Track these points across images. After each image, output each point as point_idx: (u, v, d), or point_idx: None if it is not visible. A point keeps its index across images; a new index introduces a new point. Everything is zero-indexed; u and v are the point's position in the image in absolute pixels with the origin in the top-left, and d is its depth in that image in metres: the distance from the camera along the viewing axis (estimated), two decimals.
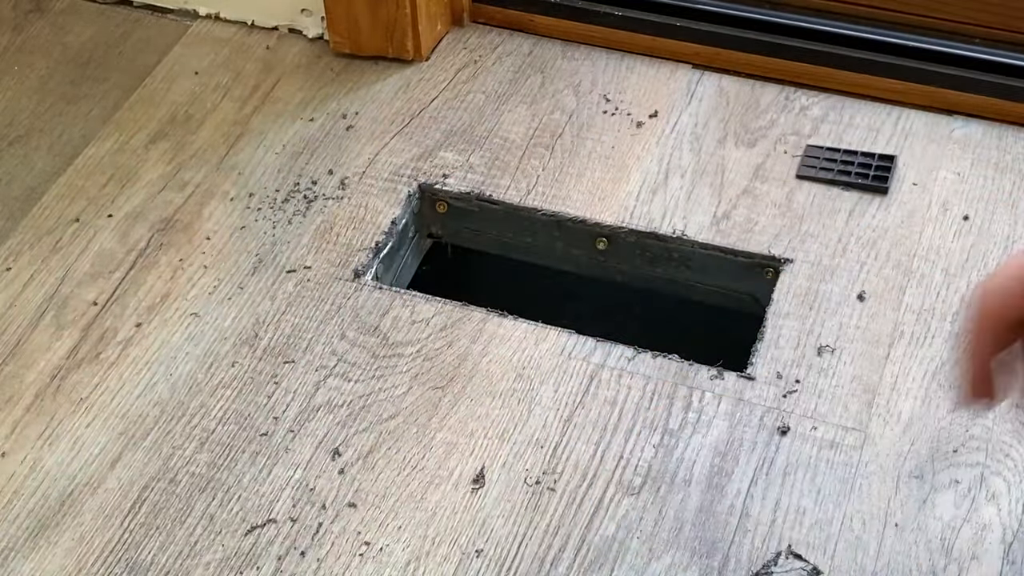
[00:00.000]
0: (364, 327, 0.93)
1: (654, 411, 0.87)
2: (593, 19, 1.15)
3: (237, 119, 1.10)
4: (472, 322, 0.93)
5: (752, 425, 0.86)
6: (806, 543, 0.80)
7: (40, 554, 0.81)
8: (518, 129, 1.08)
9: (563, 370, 0.90)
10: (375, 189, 1.03)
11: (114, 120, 1.11)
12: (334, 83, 1.13)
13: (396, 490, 0.83)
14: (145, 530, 0.82)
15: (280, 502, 0.83)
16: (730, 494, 0.82)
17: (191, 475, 0.85)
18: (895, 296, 0.93)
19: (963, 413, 0.86)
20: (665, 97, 1.10)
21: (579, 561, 0.79)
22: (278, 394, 0.89)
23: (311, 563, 0.80)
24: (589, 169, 1.04)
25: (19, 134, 1.10)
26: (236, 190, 1.04)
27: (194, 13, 1.21)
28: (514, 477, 0.84)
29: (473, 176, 1.04)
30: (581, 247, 1.02)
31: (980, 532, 0.80)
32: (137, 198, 1.04)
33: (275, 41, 1.18)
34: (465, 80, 1.13)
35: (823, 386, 0.88)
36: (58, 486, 0.84)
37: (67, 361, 0.92)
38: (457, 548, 0.80)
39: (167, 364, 0.91)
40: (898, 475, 0.83)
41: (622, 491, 0.83)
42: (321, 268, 0.97)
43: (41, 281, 0.98)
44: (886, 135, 1.05)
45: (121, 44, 1.19)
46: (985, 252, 0.96)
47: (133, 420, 0.88)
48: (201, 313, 0.95)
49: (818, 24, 1.10)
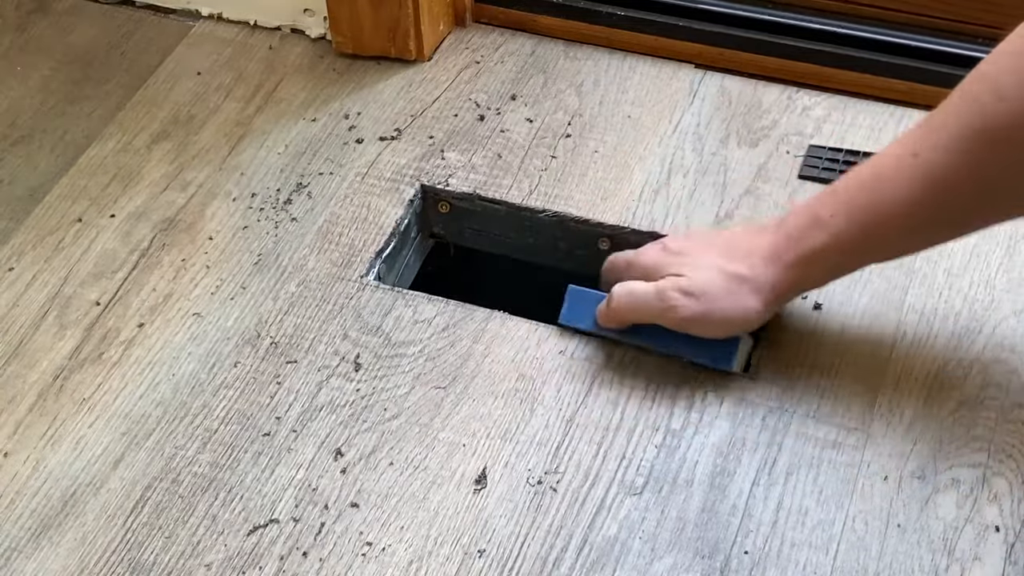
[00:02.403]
0: (366, 327, 0.93)
1: (656, 411, 0.87)
2: (596, 19, 1.15)
3: (240, 119, 1.10)
4: (474, 322, 0.93)
5: (754, 425, 0.86)
6: (808, 543, 0.80)
7: (43, 554, 0.81)
8: (520, 129, 1.08)
9: (565, 370, 0.90)
10: (377, 189, 1.03)
11: (117, 120, 1.11)
12: (336, 83, 1.13)
13: (398, 490, 0.83)
14: (147, 530, 0.82)
15: (283, 502, 0.83)
16: (732, 494, 0.82)
17: (193, 475, 0.85)
18: (898, 296, 0.93)
19: (965, 413, 0.86)
20: (668, 97, 1.10)
21: (581, 561, 0.79)
22: (281, 394, 0.89)
23: (313, 563, 0.80)
24: (591, 169, 1.04)
25: (22, 134, 1.10)
26: (239, 190, 1.04)
27: (196, 13, 1.21)
28: (516, 477, 0.84)
29: (476, 176, 1.04)
30: (583, 247, 1.02)
31: (982, 533, 0.80)
32: (140, 198, 1.04)
33: (277, 41, 1.19)
34: (467, 80, 1.13)
35: (825, 386, 0.88)
36: (60, 486, 0.84)
37: (70, 361, 0.92)
38: (459, 548, 0.80)
39: (170, 364, 0.91)
40: (900, 475, 0.83)
41: (624, 491, 0.83)
42: (323, 268, 0.97)
43: (44, 281, 0.98)
44: (889, 135, 1.05)
45: (124, 44, 1.19)
46: (987, 252, 0.96)
47: (136, 420, 0.88)
48: (204, 313, 0.95)
49: (821, 24, 1.10)
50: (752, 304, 0.85)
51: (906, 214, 0.80)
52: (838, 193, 0.83)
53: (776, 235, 0.85)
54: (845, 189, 0.83)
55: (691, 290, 0.85)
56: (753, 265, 0.85)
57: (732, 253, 0.86)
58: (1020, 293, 0.93)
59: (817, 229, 0.83)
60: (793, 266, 0.84)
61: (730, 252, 0.86)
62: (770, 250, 0.84)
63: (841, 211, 0.82)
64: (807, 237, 0.83)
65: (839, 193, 0.83)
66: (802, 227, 0.84)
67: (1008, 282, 0.94)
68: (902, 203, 0.80)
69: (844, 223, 0.82)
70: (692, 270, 0.85)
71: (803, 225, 0.84)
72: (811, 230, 0.83)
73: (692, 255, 0.87)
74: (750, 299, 0.85)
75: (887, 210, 0.80)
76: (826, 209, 0.83)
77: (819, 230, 0.83)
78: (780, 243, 0.84)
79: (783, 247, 0.84)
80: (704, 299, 0.85)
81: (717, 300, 0.85)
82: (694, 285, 0.85)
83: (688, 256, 0.87)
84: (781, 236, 0.84)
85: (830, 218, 0.82)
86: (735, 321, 0.86)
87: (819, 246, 0.83)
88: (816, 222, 0.83)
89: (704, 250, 0.87)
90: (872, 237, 0.82)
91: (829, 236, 0.82)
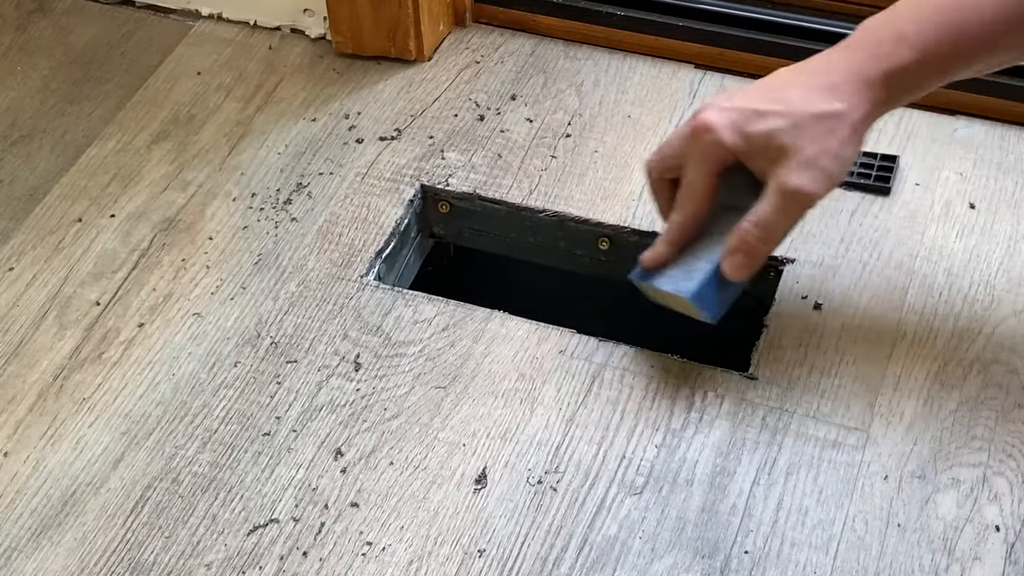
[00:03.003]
0: (366, 327, 0.93)
1: (656, 411, 0.87)
2: (595, 19, 1.15)
3: (240, 119, 1.11)
4: (474, 322, 0.93)
5: (754, 425, 0.86)
6: (808, 543, 0.80)
7: (43, 554, 0.81)
8: (520, 129, 1.08)
9: (565, 370, 0.90)
10: (377, 189, 1.03)
11: (116, 120, 1.11)
12: (336, 83, 1.13)
13: (398, 490, 0.83)
14: (148, 530, 0.82)
15: (283, 502, 0.83)
16: (732, 494, 0.82)
17: (193, 475, 0.85)
18: (898, 296, 0.93)
19: (965, 413, 0.86)
20: (668, 97, 1.10)
21: (581, 561, 0.79)
22: (280, 394, 0.89)
23: (313, 563, 0.80)
24: (591, 169, 1.04)
25: (22, 134, 1.10)
26: (239, 190, 1.04)
27: (196, 13, 1.21)
28: (516, 477, 0.84)
29: (476, 176, 1.04)
30: (583, 247, 1.02)
31: (983, 532, 0.80)
32: (140, 198, 1.04)
33: (277, 41, 1.19)
34: (467, 80, 1.13)
35: (825, 386, 0.88)
36: (60, 486, 0.84)
37: (70, 361, 0.92)
38: (459, 548, 0.80)
39: (170, 364, 0.91)
40: (900, 475, 0.83)
41: (624, 491, 0.83)
42: (323, 268, 0.97)
43: (44, 281, 0.98)
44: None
45: (124, 44, 1.19)
46: (987, 252, 0.96)
47: (136, 420, 0.88)
48: (204, 313, 0.95)
49: (821, 24, 1.10)
50: (853, 142, 0.79)
51: (1000, 30, 0.77)
52: (921, 8, 0.78)
53: (855, 54, 0.79)
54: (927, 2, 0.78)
55: (806, 165, 0.78)
56: (841, 96, 0.78)
57: (813, 87, 0.79)
58: (1020, 293, 0.93)
59: (903, 46, 0.78)
60: (879, 86, 0.79)
61: (810, 88, 0.79)
62: (855, 72, 0.78)
63: (928, 27, 0.77)
64: (893, 54, 0.78)
65: (922, 8, 0.78)
66: (885, 43, 0.78)
67: (1008, 282, 0.94)
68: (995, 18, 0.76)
69: (932, 39, 0.77)
70: (791, 136, 0.77)
71: (886, 41, 0.78)
72: (896, 47, 0.78)
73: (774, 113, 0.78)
74: (852, 137, 0.79)
75: (978, 24, 0.76)
76: (910, 25, 0.78)
77: (905, 47, 0.78)
78: (864, 63, 0.78)
79: (867, 66, 0.78)
80: (818, 166, 0.78)
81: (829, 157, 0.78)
82: (806, 155, 0.77)
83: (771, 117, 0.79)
84: (863, 55, 0.78)
85: (916, 35, 0.78)
86: (845, 167, 0.80)
87: (906, 63, 0.78)
88: (901, 38, 0.78)
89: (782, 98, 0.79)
90: (961, 54, 0.78)
91: (916, 52, 0.78)
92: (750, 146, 0.79)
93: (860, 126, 0.79)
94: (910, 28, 0.78)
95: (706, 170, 0.79)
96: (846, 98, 0.78)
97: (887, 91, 0.79)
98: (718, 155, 0.79)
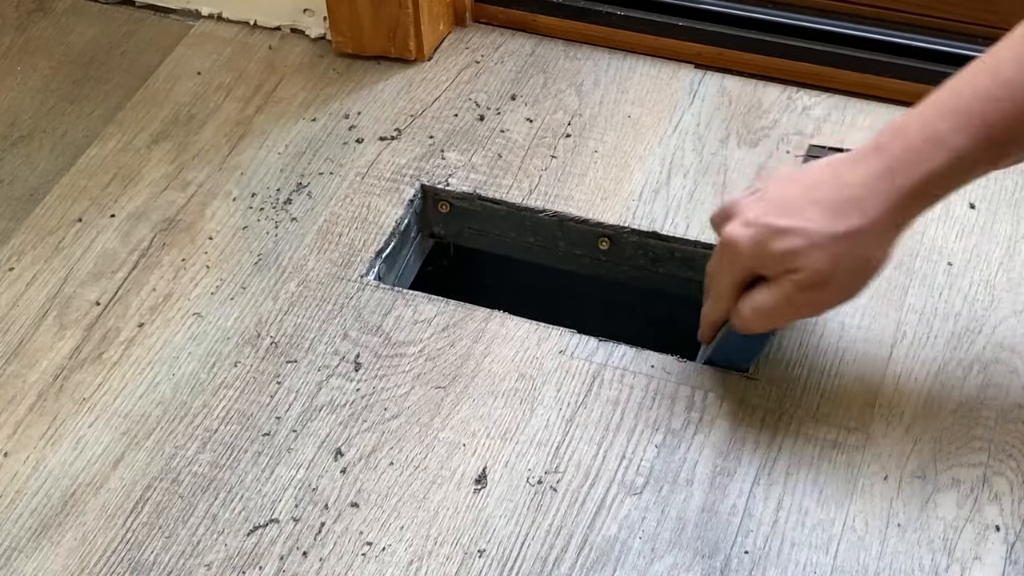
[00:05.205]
0: (366, 327, 0.93)
1: (656, 411, 0.87)
2: (595, 19, 1.15)
3: (240, 119, 1.11)
4: (474, 322, 0.93)
5: (754, 425, 0.86)
6: (808, 543, 0.80)
7: (43, 554, 0.81)
8: (520, 129, 1.08)
9: (565, 370, 0.90)
10: (377, 189, 1.03)
11: (116, 120, 1.11)
12: (336, 83, 1.13)
13: (398, 490, 0.83)
14: (148, 530, 0.82)
15: (283, 502, 0.83)
16: (732, 494, 0.82)
17: (193, 475, 0.85)
18: (898, 296, 0.93)
19: (965, 413, 0.86)
20: (668, 97, 1.10)
21: (581, 561, 0.79)
22: (280, 394, 0.89)
23: (313, 563, 0.80)
24: (591, 169, 1.04)
25: (22, 134, 1.10)
26: (239, 190, 1.04)
27: (196, 13, 1.21)
28: (516, 477, 0.84)
29: (475, 176, 1.04)
30: (583, 247, 1.02)
31: (983, 532, 0.80)
32: (139, 198, 1.04)
33: (277, 41, 1.19)
34: (467, 80, 1.13)
35: (825, 386, 0.88)
36: (60, 486, 0.85)
37: (70, 361, 0.92)
38: (459, 548, 0.80)
39: (170, 364, 0.91)
40: (900, 475, 0.83)
41: (624, 491, 0.83)
42: (323, 268, 0.97)
43: (44, 281, 0.98)
44: None
45: (124, 44, 1.19)
46: (987, 252, 0.96)
47: (136, 420, 0.88)
48: (204, 313, 0.95)
49: (821, 24, 1.10)
50: (878, 255, 0.78)
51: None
52: (958, 107, 0.75)
53: (881, 161, 0.77)
54: (959, 97, 0.75)
55: (816, 283, 0.78)
56: (865, 211, 0.77)
57: (835, 203, 0.78)
58: (1020, 293, 0.93)
59: (936, 147, 0.75)
60: (913, 194, 0.76)
61: (834, 203, 0.78)
62: (880, 182, 0.76)
63: (962, 125, 0.74)
64: (925, 159, 0.75)
65: (958, 106, 0.75)
66: (916, 147, 0.76)
67: (1008, 282, 0.94)
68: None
69: (967, 138, 0.74)
70: (806, 258, 0.78)
71: (917, 145, 0.76)
72: (929, 149, 0.75)
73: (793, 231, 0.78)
74: (875, 251, 0.78)
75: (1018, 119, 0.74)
76: (943, 123, 0.75)
77: (938, 148, 0.75)
78: (893, 169, 0.76)
79: (898, 172, 0.76)
80: (833, 282, 0.78)
81: (846, 274, 0.78)
82: (817, 275, 0.78)
83: (789, 236, 0.78)
84: (892, 161, 0.76)
85: (951, 135, 0.75)
86: (868, 279, 0.80)
87: (941, 166, 0.75)
88: (934, 140, 0.75)
89: (803, 215, 0.78)
90: (998, 150, 0.75)
91: (951, 153, 0.75)
92: (768, 262, 0.80)
93: (883, 238, 0.78)
94: (943, 126, 0.75)
95: (731, 280, 0.83)
96: (868, 213, 0.77)
97: (922, 198, 0.77)
98: (741, 269, 0.82)
